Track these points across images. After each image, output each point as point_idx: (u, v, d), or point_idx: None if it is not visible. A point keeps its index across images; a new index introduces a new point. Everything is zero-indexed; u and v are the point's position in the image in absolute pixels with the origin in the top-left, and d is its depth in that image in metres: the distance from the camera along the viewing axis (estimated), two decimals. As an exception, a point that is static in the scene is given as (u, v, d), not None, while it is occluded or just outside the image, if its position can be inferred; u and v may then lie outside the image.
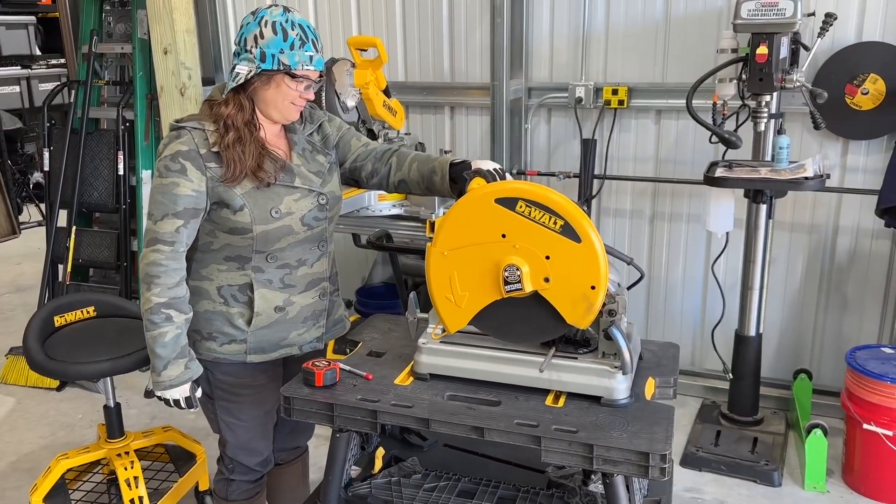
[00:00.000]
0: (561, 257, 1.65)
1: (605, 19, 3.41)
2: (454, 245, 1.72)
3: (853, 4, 3.02)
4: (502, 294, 1.70)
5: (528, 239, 1.66)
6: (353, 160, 2.10)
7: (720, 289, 3.30)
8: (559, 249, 1.65)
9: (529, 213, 1.65)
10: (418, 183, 2.04)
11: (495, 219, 1.67)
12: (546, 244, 1.65)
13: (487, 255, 1.69)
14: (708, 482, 2.93)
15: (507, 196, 1.66)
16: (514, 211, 1.66)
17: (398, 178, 2.07)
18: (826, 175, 2.78)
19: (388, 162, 2.09)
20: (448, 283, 1.74)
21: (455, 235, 1.72)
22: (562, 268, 1.66)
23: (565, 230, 1.64)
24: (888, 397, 2.69)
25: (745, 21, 2.64)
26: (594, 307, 1.68)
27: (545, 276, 1.67)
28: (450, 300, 1.74)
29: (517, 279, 1.67)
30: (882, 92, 2.98)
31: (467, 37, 3.67)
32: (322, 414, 1.77)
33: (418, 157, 2.07)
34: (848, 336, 3.30)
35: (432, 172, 2.00)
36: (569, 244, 1.64)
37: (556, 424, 1.64)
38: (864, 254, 3.24)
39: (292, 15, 1.85)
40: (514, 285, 1.68)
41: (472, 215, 1.70)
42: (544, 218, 1.64)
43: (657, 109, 3.43)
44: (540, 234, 1.65)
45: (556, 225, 1.64)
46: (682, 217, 3.52)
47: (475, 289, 1.73)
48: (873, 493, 2.81)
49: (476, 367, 1.82)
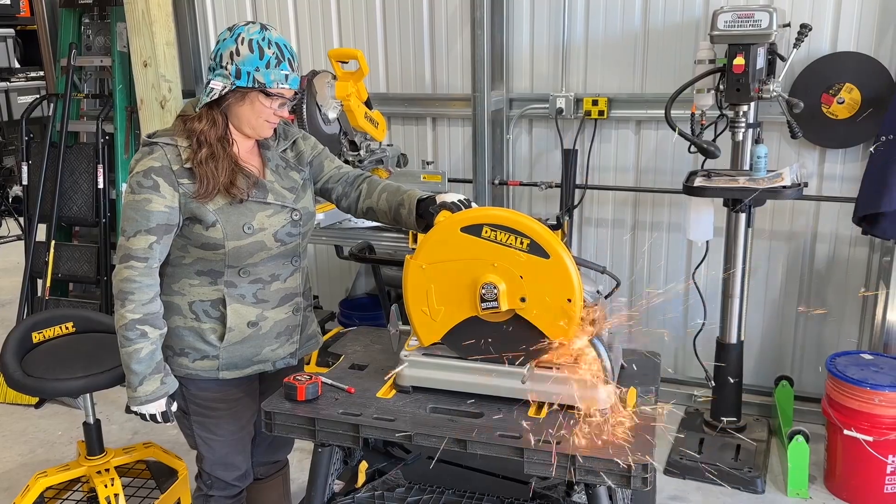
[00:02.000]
0: (533, 275, 1.68)
1: (585, 30, 3.44)
2: (433, 259, 1.73)
3: (828, 15, 3.07)
4: (478, 311, 1.72)
5: (499, 261, 1.69)
6: (325, 181, 2.13)
7: (701, 297, 3.32)
8: (530, 268, 1.68)
9: (495, 236, 1.69)
10: (386, 213, 2.07)
11: (465, 248, 1.71)
12: (517, 264, 1.68)
13: (466, 271, 1.71)
14: (692, 490, 2.94)
15: (471, 224, 1.71)
16: (480, 237, 1.70)
17: (367, 206, 2.10)
18: (804, 183, 2.81)
19: (358, 187, 2.12)
20: (424, 296, 1.75)
21: (431, 253, 1.75)
22: (536, 285, 1.69)
23: (532, 248, 1.67)
24: (868, 403, 2.71)
25: (721, 32, 2.68)
26: (573, 320, 1.70)
27: (521, 296, 1.70)
28: (425, 313, 1.76)
29: (494, 297, 1.69)
30: (857, 101, 3.03)
31: (448, 48, 3.69)
32: (304, 429, 1.76)
33: (388, 187, 2.09)
34: (828, 342, 3.33)
35: (400, 205, 2.02)
36: (538, 261, 1.67)
37: (539, 436, 1.64)
38: (842, 261, 3.28)
39: (269, 33, 1.85)
40: (491, 303, 1.70)
41: (444, 240, 1.73)
42: (510, 239, 1.68)
43: (637, 120, 3.46)
44: (509, 256, 1.68)
45: (522, 244, 1.68)
46: (663, 226, 3.54)
47: (452, 304, 1.74)
48: (855, 498, 2.83)
49: (458, 378, 1.82)
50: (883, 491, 2.77)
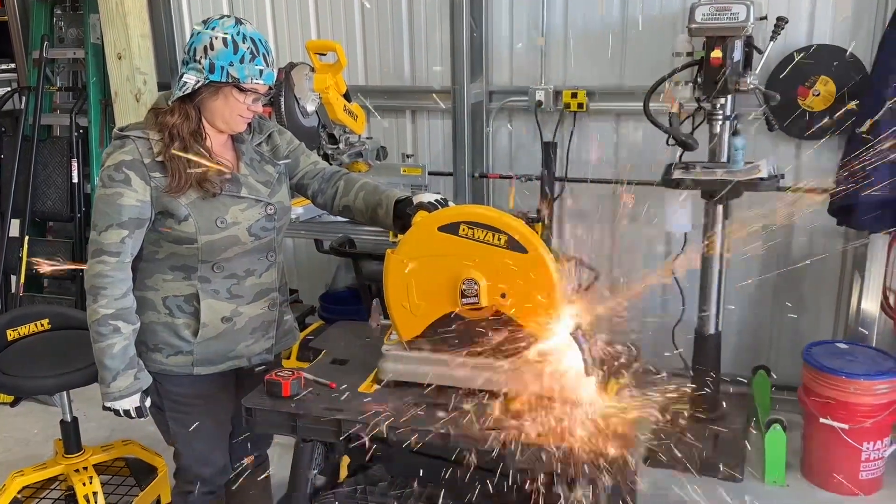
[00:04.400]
0: (512, 271, 1.69)
1: (564, 23, 3.44)
2: (415, 255, 1.74)
3: (804, 8, 3.10)
4: (458, 307, 1.72)
5: (478, 258, 1.69)
6: (301, 177, 2.11)
7: (680, 288, 3.35)
8: (509, 263, 1.68)
9: (473, 234, 1.69)
10: (362, 212, 2.06)
11: (444, 246, 1.71)
12: (496, 261, 1.69)
13: (447, 267, 1.71)
14: (671, 479, 2.96)
15: (448, 222, 1.71)
16: (458, 235, 1.70)
17: (343, 203, 2.09)
18: (780, 175, 2.84)
19: (335, 184, 2.11)
20: (405, 291, 1.75)
21: (412, 249, 1.75)
22: (515, 280, 1.69)
23: (510, 244, 1.68)
24: (843, 392, 2.76)
25: (699, 25, 2.70)
26: (554, 313, 1.70)
27: (501, 292, 1.70)
28: (405, 308, 1.76)
29: (474, 293, 1.69)
30: (832, 93, 3.06)
31: (427, 40, 3.67)
32: (285, 424, 1.75)
33: (366, 185, 2.08)
34: (804, 332, 3.37)
35: (377, 205, 2.02)
36: (516, 256, 1.68)
37: (520, 428, 1.64)
38: (818, 251, 3.32)
39: (244, 27, 1.83)
40: (471, 299, 1.70)
41: (424, 238, 1.73)
42: (488, 236, 1.69)
43: (616, 112, 3.47)
44: (488, 252, 1.69)
45: (500, 241, 1.68)
46: (642, 218, 3.56)
47: (432, 299, 1.74)
48: (831, 485, 2.88)
49: (440, 372, 1.81)
50: (858, 477, 2.82)
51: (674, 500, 2.86)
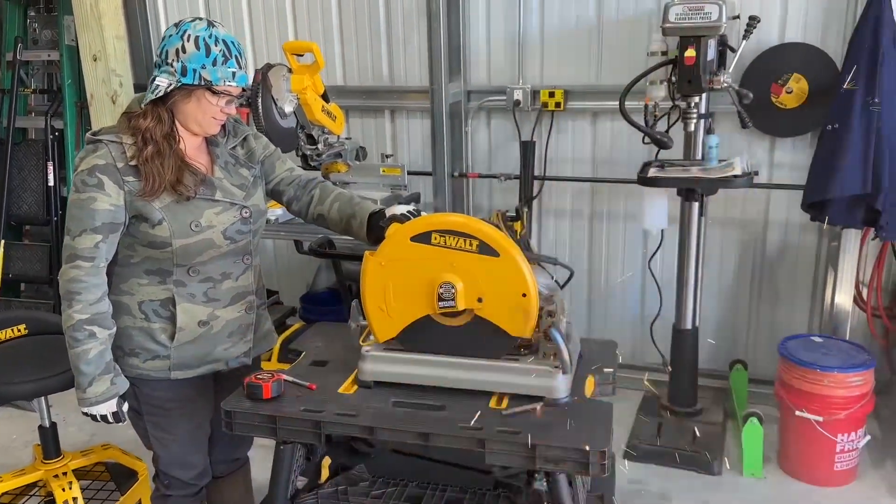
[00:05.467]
0: (487, 275, 1.71)
1: (540, 23, 3.47)
2: (394, 257, 1.75)
3: (776, 7, 3.14)
4: (435, 310, 1.74)
5: (452, 265, 1.71)
6: (277, 183, 2.11)
7: (657, 284, 3.39)
8: (482, 268, 1.71)
9: (445, 241, 1.71)
10: (336, 222, 2.07)
11: (416, 252, 1.72)
12: (470, 266, 1.71)
13: (425, 270, 1.73)
14: (651, 474, 3.00)
15: (419, 232, 1.73)
16: (430, 244, 1.72)
17: (318, 212, 2.10)
18: (754, 172, 2.88)
19: (310, 192, 2.11)
20: (382, 293, 1.76)
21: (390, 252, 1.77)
22: (490, 284, 1.72)
23: (482, 248, 1.70)
24: (818, 384, 2.80)
25: (673, 25, 2.73)
26: (531, 314, 1.73)
27: (478, 296, 1.72)
28: (382, 310, 1.77)
29: (451, 296, 1.72)
30: (805, 90, 3.11)
31: (405, 40, 3.68)
32: (265, 427, 1.75)
33: (341, 196, 2.09)
34: (780, 326, 3.43)
35: (352, 216, 2.03)
36: (489, 260, 1.70)
37: (500, 426, 1.66)
38: (793, 247, 3.37)
39: (216, 30, 1.83)
40: (448, 302, 1.72)
41: (398, 246, 1.74)
42: (460, 243, 1.71)
43: (593, 111, 3.50)
44: (461, 258, 1.71)
45: (472, 246, 1.70)
46: (620, 216, 3.60)
47: (409, 301, 1.76)
48: (808, 477, 2.93)
49: (420, 372, 1.83)
50: (833, 469, 2.87)
51: (653, 494, 2.90)
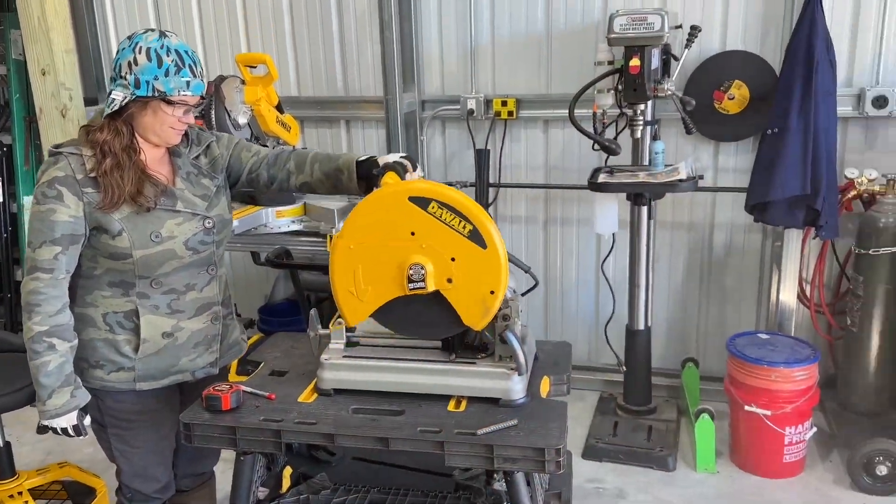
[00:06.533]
0: (466, 261, 1.72)
1: (491, 33, 3.53)
2: (362, 239, 1.74)
3: (716, 16, 3.25)
4: (405, 291, 1.74)
5: (436, 239, 1.71)
6: (248, 172, 2.10)
7: (610, 287, 3.48)
8: (465, 253, 1.71)
9: (441, 214, 1.70)
10: (322, 182, 2.05)
11: (406, 216, 1.71)
12: (453, 246, 1.71)
13: (394, 252, 1.73)
14: (608, 472, 3.07)
15: (421, 196, 1.71)
16: (426, 211, 1.71)
17: (301, 181, 2.08)
18: (699, 176, 2.98)
19: (284, 166, 2.08)
20: (352, 277, 1.76)
21: (364, 229, 1.75)
22: (465, 271, 1.72)
23: (473, 235, 1.70)
24: (765, 380, 2.90)
25: (617, 35, 2.81)
26: (491, 311, 1.76)
27: (448, 277, 1.73)
28: (352, 294, 1.77)
29: (421, 278, 1.72)
30: (746, 97, 3.23)
31: (359, 51, 3.71)
32: (225, 438, 1.76)
33: (318, 156, 2.07)
34: (729, 324, 3.54)
35: (338, 171, 2.02)
36: (475, 249, 1.71)
37: (458, 428, 1.70)
38: (738, 247, 3.49)
39: (168, 40, 1.84)
40: (418, 283, 1.72)
41: (384, 211, 1.73)
42: (454, 221, 1.70)
43: (544, 119, 3.57)
44: (448, 237, 1.71)
45: (464, 229, 1.70)
46: (573, 221, 3.68)
47: (379, 284, 1.76)
48: (758, 470, 3.02)
49: (379, 378, 1.86)
50: (782, 461, 2.97)
51: (610, 491, 2.97)
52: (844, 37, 3.11)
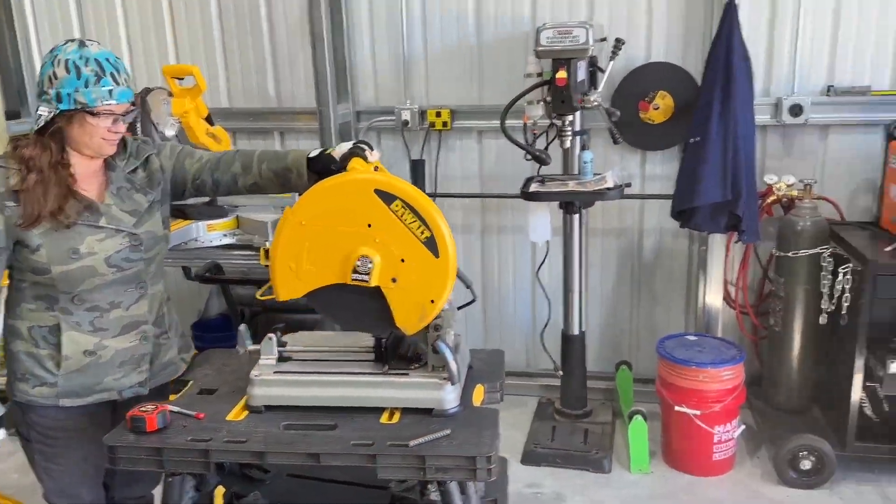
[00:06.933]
0: (415, 265, 1.72)
1: (424, 45, 3.56)
2: (316, 218, 1.72)
3: (641, 29, 3.36)
4: (346, 280, 1.72)
5: (392, 237, 1.71)
6: (193, 180, 2.05)
7: (545, 294, 3.54)
8: (417, 257, 1.71)
9: (403, 214, 1.70)
10: (272, 181, 2.00)
11: (367, 207, 1.70)
12: (406, 248, 1.71)
13: (346, 238, 1.72)
14: (546, 476, 3.12)
15: (388, 191, 1.70)
16: (388, 206, 1.70)
17: (249, 182, 2.02)
18: (626, 184, 3.07)
19: (229, 169, 2.03)
20: (296, 253, 1.73)
21: (320, 209, 1.73)
22: (412, 275, 1.72)
23: (429, 242, 1.71)
24: (694, 380, 3.00)
25: (545, 48, 2.87)
26: (426, 319, 1.77)
27: (394, 277, 1.73)
28: (291, 269, 1.74)
29: (367, 271, 1.71)
30: (671, 107, 3.34)
31: (291, 62, 3.69)
32: (151, 460, 1.72)
33: (265, 155, 2.02)
34: (659, 327, 3.64)
35: (287, 171, 1.97)
36: (427, 256, 1.71)
37: (391, 440, 1.70)
38: (667, 252, 3.60)
39: (87, 50, 1.79)
40: (362, 275, 1.71)
41: (346, 196, 1.72)
42: (414, 224, 1.70)
43: (478, 130, 3.62)
44: (404, 237, 1.70)
45: (422, 234, 1.70)
46: (509, 229, 3.73)
47: (322, 266, 1.74)
48: (690, 468, 3.11)
49: (311, 393, 1.84)
50: (712, 459, 3.06)
51: (549, 495, 3.01)
52: (761, 49, 3.26)
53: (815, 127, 3.28)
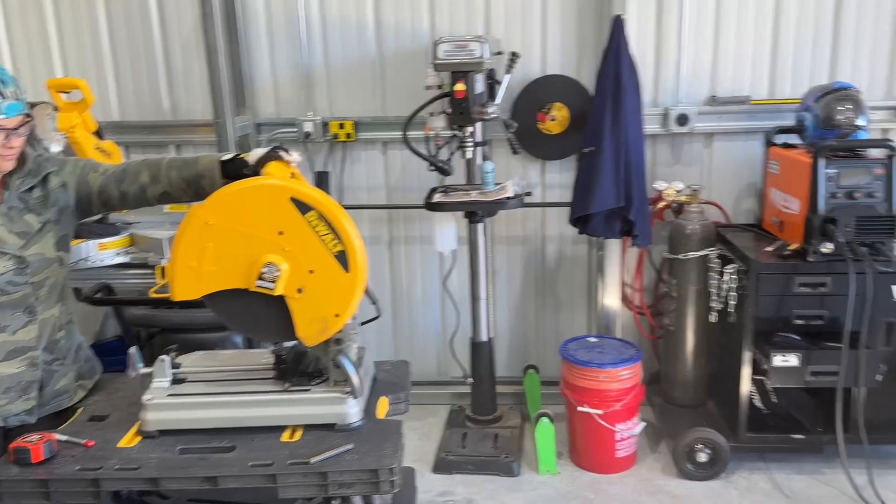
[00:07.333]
0: (324, 278, 1.70)
1: (325, 57, 3.55)
2: (225, 219, 1.68)
3: (535, 43, 3.46)
4: (250, 286, 1.70)
5: (303, 247, 1.69)
6: (99, 193, 1.97)
7: (453, 302, 3.58)
8: (326, 270, 1.70)
9: (317, 225, 1.68)
10: (184, 190, 1.94)
11: (281, 214, 1.68)
12: (317, 260, 1.70)
13: (254, 243, 1.69)
14: (458, 483, 3.14)
15: (304, 201, 1.68)
16: (303, 216, 1.68)
17: (159, 191, 1.95)
18: (526, 193, 3.15)
19: (136, 180, 1.95)
20: (199, 252, 1.69)
21: (231, 210, 1.69)
22: (319, 287, 1.71)
23: (340, 256, 1.70)
24: (595, 380, 3.09)
25: (442, 61, 2.92)
26: (329, 332, 1.76)
27: (300, 287, 1.71)
28: (192, 269, 1.70)
29: (273, 279, 1.69)
30: (567, 118, 3.45)
31: (185, 74, 3.60)
32: (37, 493, 1.63)
33: (174, 162, 1.95)
34: (564, 330, 3.74)
35: (198, 177, 1.90)
36: (337, 269, 1.70)
37: (292, 459, 1.68)
38: (568, 258, 3.71)
39: None
40: (267, 283, 1.69)
41: (260, 200, 1.69)
42: (328, 236, 1.69)
43: (383, 141, 3.63)
44: (316, 249, 1.69)
45: (334, 247, 1.69)
46: (416, 239, 3.75)
47: (225, 269, 1.70)
48: (595, 467, 3.21)
49: (207, 415, 1.80)
50: (615, 456, 3.17)
51: (459, 502, 3.04)
52: (649, 61, 3.42)
53: (701, 135, 3.47)
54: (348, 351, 1.88)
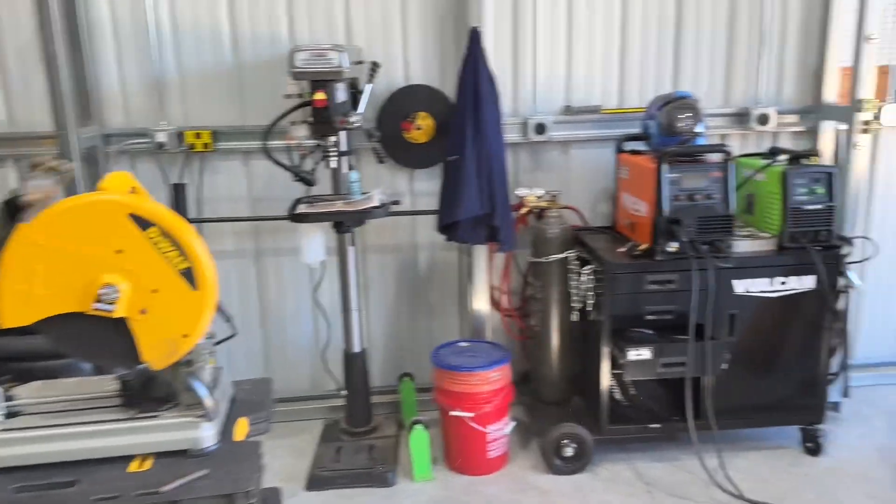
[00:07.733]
0: (169, 297, 1.63)
1: (178, 63, 3.41)
2: (56, 238, 1.57)
3: (397, 53, 3.48)
4: (87, 309, 1.60)
5: (144, 266, 1.61)
6: None
7: (324, 314, 3.53)
8: (171, 289, 1.63)
9: (159, 242, 1.61)
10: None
11: (119, 231, 1.59)
12: (160, 278, 1.62)
13: (89, 262, 1.59)
14: (333, 499, 3.09)
15: (144, 216, 1.60)
16: (143, 232, 1.60)
17: None
18: (393, 202, 3.16)
19: None
20: (27, 275, 1.58)
21: (62, 228, 1.58)
22: (165, 307, 1.64)
23: (186, 273, 1.63)
24: (466, 384, 3.14)
25: (300, 70, 2.87)
26: (177, 354, 1.69)
27: (143, 308, 1.63)
28: (21, 292, 1.59)
29: (112, 301, 1.60)
30: (432, 127, 3.49)
31: (24, 83, 3.34)
32: None
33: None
34: (437, 337, 3.77)
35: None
36: (184, 287, 1.63)
37: (140, 490, 1.60)
38: (439, 264, 3.75)
39: None
40: (106, 305, 1.60)
41: (95, 217, 1.59)
42: (172, 253, 1.62)
43: (243, 151, 3.52)
44: (159, 267, 1.61)
45: (180, 265, 1.62)
46: (285, 251, 3.66)
47: (59, 292, 1.60)
48: (469, 469, 3.25)
49: (45, 449, 1.68)
50: (487, 457, 3.23)
51: (334, 517, 2.99)
52: (507, 73, 3.52)
53: (558, 143, 3.61)
54: (200, 372, 1.82)
